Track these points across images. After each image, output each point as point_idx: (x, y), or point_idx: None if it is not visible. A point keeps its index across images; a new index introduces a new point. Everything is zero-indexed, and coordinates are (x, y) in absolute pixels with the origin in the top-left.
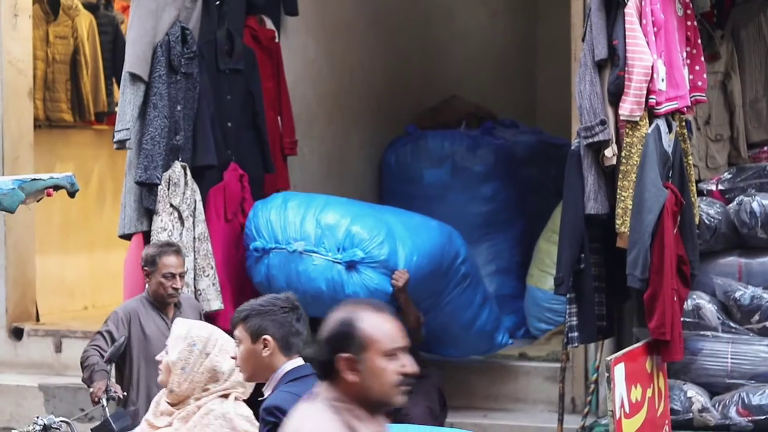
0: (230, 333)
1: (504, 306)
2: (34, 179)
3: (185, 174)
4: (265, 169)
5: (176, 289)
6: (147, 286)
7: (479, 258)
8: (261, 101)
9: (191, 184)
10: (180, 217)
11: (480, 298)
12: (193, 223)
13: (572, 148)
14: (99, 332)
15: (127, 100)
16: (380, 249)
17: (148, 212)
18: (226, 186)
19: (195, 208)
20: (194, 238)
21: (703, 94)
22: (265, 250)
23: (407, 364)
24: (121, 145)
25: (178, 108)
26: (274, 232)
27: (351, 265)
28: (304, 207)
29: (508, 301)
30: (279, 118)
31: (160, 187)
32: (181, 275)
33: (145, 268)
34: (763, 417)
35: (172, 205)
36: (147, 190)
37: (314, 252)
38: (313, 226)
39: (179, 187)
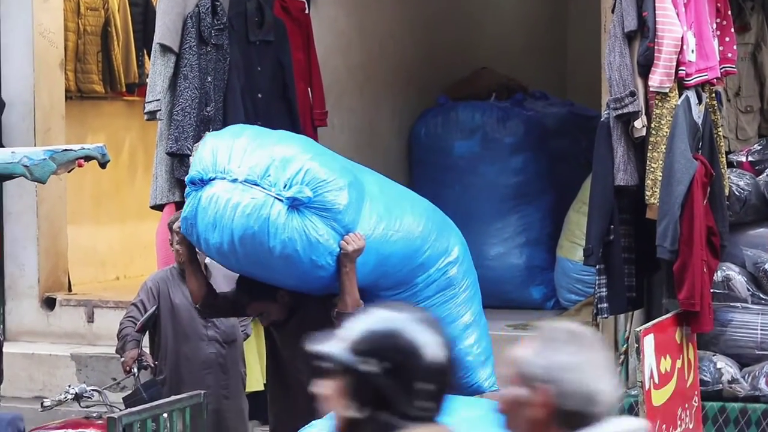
0: None
1: (534, 277)
2: (66, 150)
3: None
4: None
5: None
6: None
7: (509, 229)
8: (291, 72)
9: None
10: None
11: (469, 319)
12: None
13: (602, 119)
14: (133, 303)
15: (158, 71)
16: (337, 195)
17: (179, 183)
18: None
19: None
20: None
21: (733, 66)
22: (202, 181)
23: None
24: (152, 116)
25: (209, 79)
26: (217, 161)
27: (294, 206)
28: (262, 138)
29: (538, 272)
30: (309, 89)
31: (191, 157)
32: None
33: (170, 237)
34: None
35: None
36: (178, 160)
37: (256, 184)
38: (264, 155)
39: None
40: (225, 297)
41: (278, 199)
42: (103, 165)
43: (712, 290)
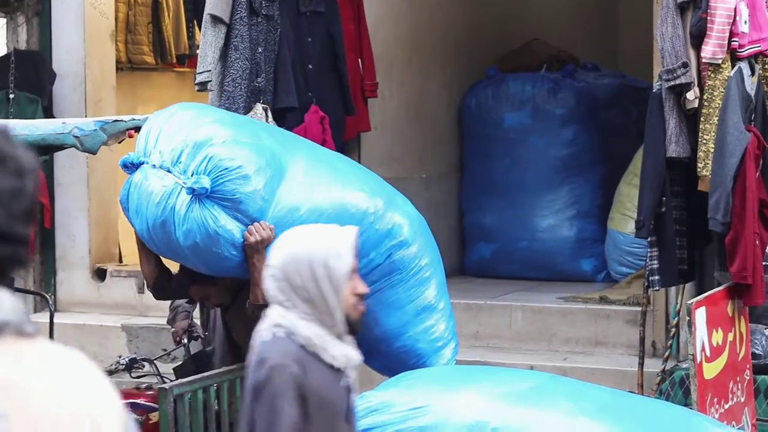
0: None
1: (585, 250)
2: (116, 120)
3: (267, 116)
4: (346, 112)
5: None
6: None
7: (560, 201)
8: (342, 43)
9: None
10: None
11: (422, 303)
12: None
13: (654, 90)
14: None
15: (209, 42)
16: (240, 184)
17: None
18: (307, 128)
19: None
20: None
21: None
22: (134, 165)
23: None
24: (203, 87)
25: (259, 50)
26: (147, 144)
27: (196, 195)
28: (192, 119)
29: (589, 244)
30: (360, 60)
31: None
32: None
33: None
34: None
35: None
36: None
37: (169, 171)
38: (181, 140)
39: None
40: (177, 280)
41: (184, 187)
42: None
43: (764, 263)
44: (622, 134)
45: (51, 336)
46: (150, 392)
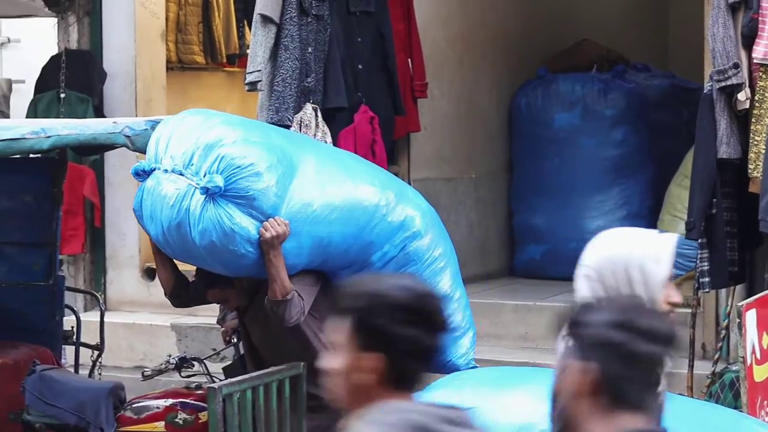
0: None
1: None
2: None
3: (316, 116)
4: (396, 112)
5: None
6: None
7: (609, 203)
8: (392, 43)
9: (322, 126)
10: None
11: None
12: None
13: (705, 91)
14: None
15: (259, 42)
16: (253, 181)
17: None
18: (356, 128)
19: None
20: None
21: None
22: (145, 172)
23: None
24: (253, 86)
25: (309, 50)
26: (157, 151)
27: (210, 195)
28: (200, 123)
29: None
30: (409, 60)
31: (291, 128)
32: None
33: None
34: None
35: None
36: None
37: (181, 174)
38: (191, 143)
39: (310, 128)
40: (194, 286)
41: (198, 188)
42: None
43: None
44: (672, 135)
45: (101, 335)
46: (199, 392)
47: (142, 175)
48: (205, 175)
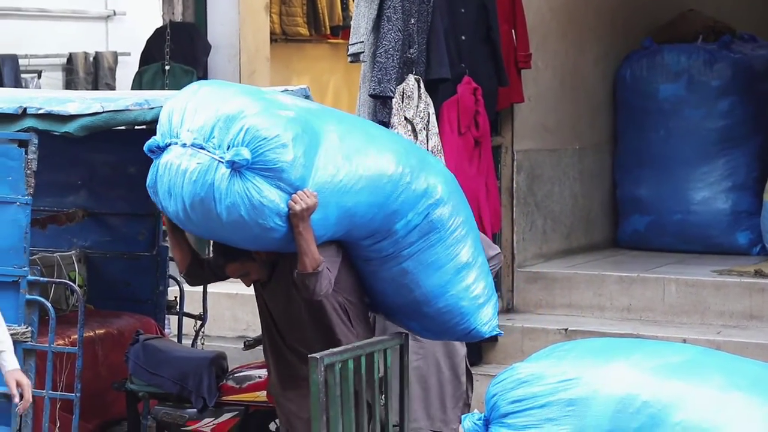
0: None
1: (740, 222)
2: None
3: (419, 87)
4: (499, 83)
5: None
6: None
7: (715, 173)
8: (495, 14)
9: (425, 97)
10: (413, 130)
11: (461, 261)
12: (427, 136)
13: None
14: None
15: (362, 13)
16: (279, 153)
17: (382, 125)
18: (459, 99)
19: (428, 121)
20: (427, 150)
21: None
22: (160, 148)
23: None
24: (356, 58)
25: (412, 21)
26: (172, 125)
27: (236, 169)
28: (215, 95)
29: (744, 217)
30: (513, 31)
31: (394, 99)
32: None
33: None
34: None
35: (405, 118)
36: (381, 102)
37: (203, 148)
38: (211, 115)
39: (413, 100)
40: (211, 263)
41: (222, 162)
42: None
43: None
44: None
45: (204, 305)
46: None
47: (156, 151)
48: (229, 148)
